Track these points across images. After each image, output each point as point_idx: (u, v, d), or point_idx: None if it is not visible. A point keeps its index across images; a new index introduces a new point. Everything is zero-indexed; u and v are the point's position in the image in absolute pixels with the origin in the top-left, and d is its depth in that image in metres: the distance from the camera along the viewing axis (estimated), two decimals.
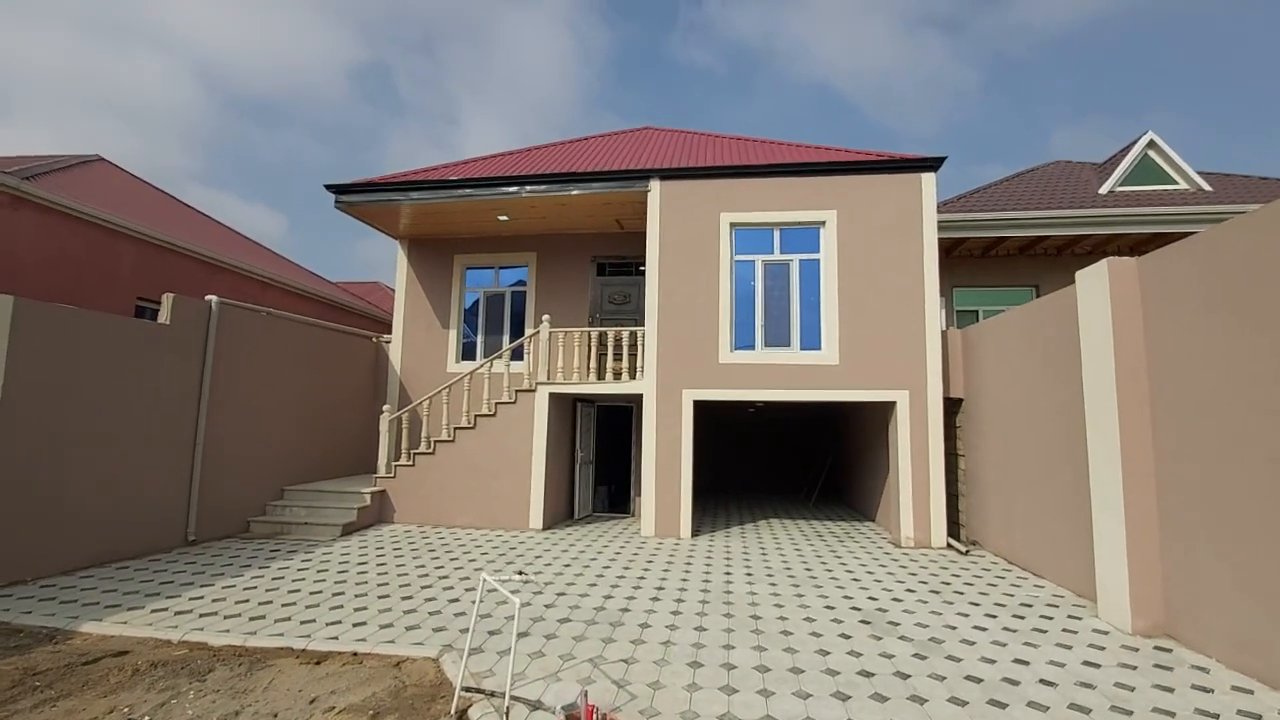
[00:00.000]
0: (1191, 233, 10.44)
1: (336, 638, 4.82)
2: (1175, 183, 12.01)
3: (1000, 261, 12.40)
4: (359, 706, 3.76)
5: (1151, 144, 12.17)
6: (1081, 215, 10.65)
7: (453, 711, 3.62)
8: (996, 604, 5.81)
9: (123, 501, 7.09)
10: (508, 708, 3.33)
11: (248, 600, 5.73)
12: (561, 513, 10.18)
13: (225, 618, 5.25)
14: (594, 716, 2.84)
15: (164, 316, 7.64)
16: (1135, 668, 4.30)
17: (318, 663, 4.44)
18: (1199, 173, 12.13)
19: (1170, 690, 3.96)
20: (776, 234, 9.33)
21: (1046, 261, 12.24)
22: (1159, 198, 11.48)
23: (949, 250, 11.93)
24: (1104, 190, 11.83)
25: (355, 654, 4.56)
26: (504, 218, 10.74)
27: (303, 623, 5.15)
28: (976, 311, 12.30)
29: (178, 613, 5.36)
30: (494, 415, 9.62)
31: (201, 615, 5.30)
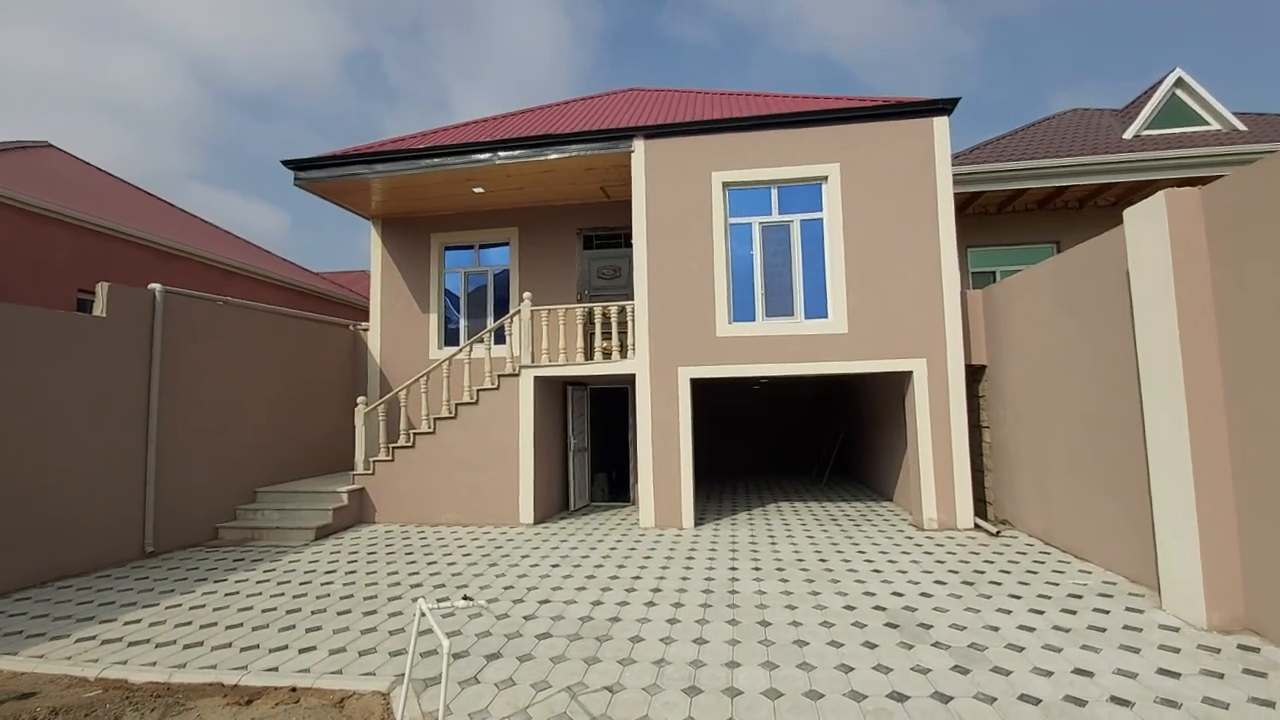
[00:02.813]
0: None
1: (276, 668, 4.13)
2: (1207, 123, 11.07)
3: (1017, 218, 11.53)
4: None
5: (1180, 82, 11.19)
6: (1108, 161, 9.76)
7: None
8: (1040, 596, 5.08)
9: (66, 513, 6.41)
10: None
11: (190, 622, 5.06)
12: (555, 504, 9.49)
13: (157, 646, 4.58)
14: None
15: (99, 308, 6.92)
16: (1222, 676, 3.57)
17: (248, 702, 3.75)
18: (1233, 113, 11.16)
19: (1272, 705, 3.23)
20: (774, 193, 8.50)
21: (1067, 216, 11.37)
22: (1191, 139, 10.56)
23: (962, 207, 11.06)
24: (1129, 135, 10.91)
25: (293, 689, 3.87)
26: (479, 189, 9.91)
27: (243, 649, 4.47)
28: (994, 272, 11.44)
29: (105, 641, 4.69)
30: (476, 403, 8.89)
31: (131, 644, 4.63)
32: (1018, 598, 5.06)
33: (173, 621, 5.10)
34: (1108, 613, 4.65)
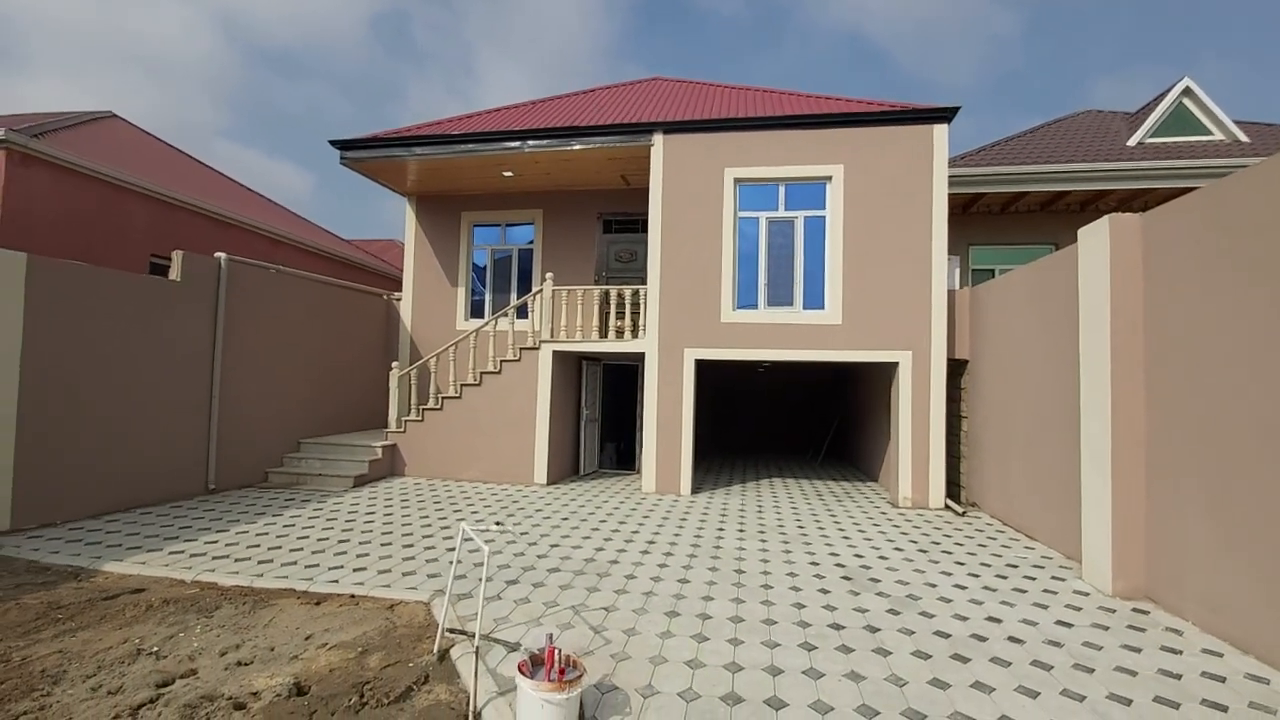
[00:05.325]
0: None
1: (337, 581, 5.08)
2: (1210, 133, 11.42)
3: (1020, 218, 12.02)
4: (350, 644, 4.00)
5: (1187, 91, 11.53)
6: (1104, 169, 10.23)
7: (435, 651, 3.83)
8: (982, 564, 5.88)
9: (144, 451, 7.43)
10: (477, 648, 3.52)
11: (259, 545, 6.04)
12: (567, 468, 10.41)
13: (236, 560, 5.56)
14: (555, 657, 2.99)
15: (174, 273, 7.84)
16: (1107, 628, 4.36)
17: (317, 603, 4.70)
18: (1238, 123, 11.49)
19: (1137, 650, 4.01)
20: (781, 190, 9.14)
21: (1069, 218, 11.80)
22: (1190, 150, 10.95)
23: (966, 206, 11.59)
24: (1132, 142, 11.32)
25: (353, 596, 4.82)
26: (508, 173, 10.66)
27: (307, 567, 5.43)
28: (993, 270, 11.97)
29: (193, 555, 5.68)
30: (499, 373, 9.77)
31: (214, 558, 5.62)
32: (961, 564, 5.86)
33: (244, 544, 6.08)
34: (1034, 579, 5.44)
